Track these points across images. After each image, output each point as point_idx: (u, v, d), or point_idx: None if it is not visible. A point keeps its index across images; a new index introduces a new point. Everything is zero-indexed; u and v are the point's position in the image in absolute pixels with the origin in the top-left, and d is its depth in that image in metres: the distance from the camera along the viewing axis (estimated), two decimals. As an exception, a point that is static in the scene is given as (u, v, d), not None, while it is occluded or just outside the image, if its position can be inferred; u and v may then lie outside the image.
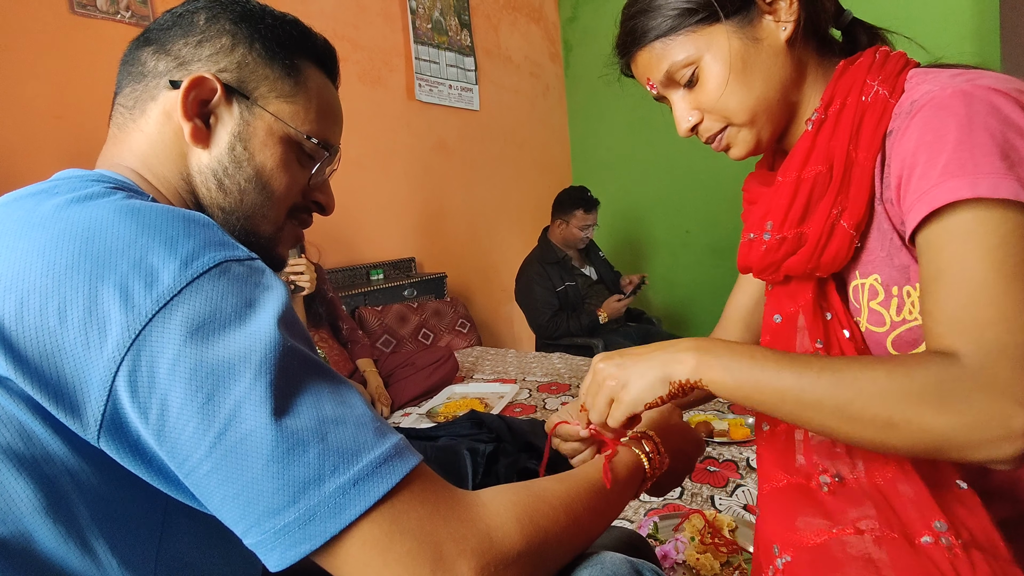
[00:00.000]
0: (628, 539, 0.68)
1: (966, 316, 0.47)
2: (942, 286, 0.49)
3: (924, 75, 0.57)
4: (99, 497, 0.39)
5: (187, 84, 0.51)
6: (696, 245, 3.46)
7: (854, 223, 0.60)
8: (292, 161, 0.57)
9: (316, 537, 0.36)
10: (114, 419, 0.36)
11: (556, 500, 0.46)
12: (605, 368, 0.58)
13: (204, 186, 0.54)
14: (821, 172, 0.61)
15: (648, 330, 2.86)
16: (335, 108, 0.61)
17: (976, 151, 0.48)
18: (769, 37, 0.62)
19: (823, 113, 0.61)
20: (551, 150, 3.84)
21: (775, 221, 0.64)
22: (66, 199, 0.42)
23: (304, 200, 0.60)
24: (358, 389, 1.40)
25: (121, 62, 0.56)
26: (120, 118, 0.54)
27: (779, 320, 0.68)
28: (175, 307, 0.37)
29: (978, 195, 0.46)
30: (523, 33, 3.63)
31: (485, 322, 3.29)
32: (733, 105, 0.63)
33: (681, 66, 0.63)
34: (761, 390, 0.50)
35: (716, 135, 0.67)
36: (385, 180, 2.83)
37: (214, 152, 0.53)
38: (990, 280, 0.46)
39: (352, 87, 2.68)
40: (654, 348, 0.56)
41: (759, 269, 0.68)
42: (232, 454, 0.36)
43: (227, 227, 0.55)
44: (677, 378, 0.53)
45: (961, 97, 0.50)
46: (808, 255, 0.62)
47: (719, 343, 0.53)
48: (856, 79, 0.60)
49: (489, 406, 1.83)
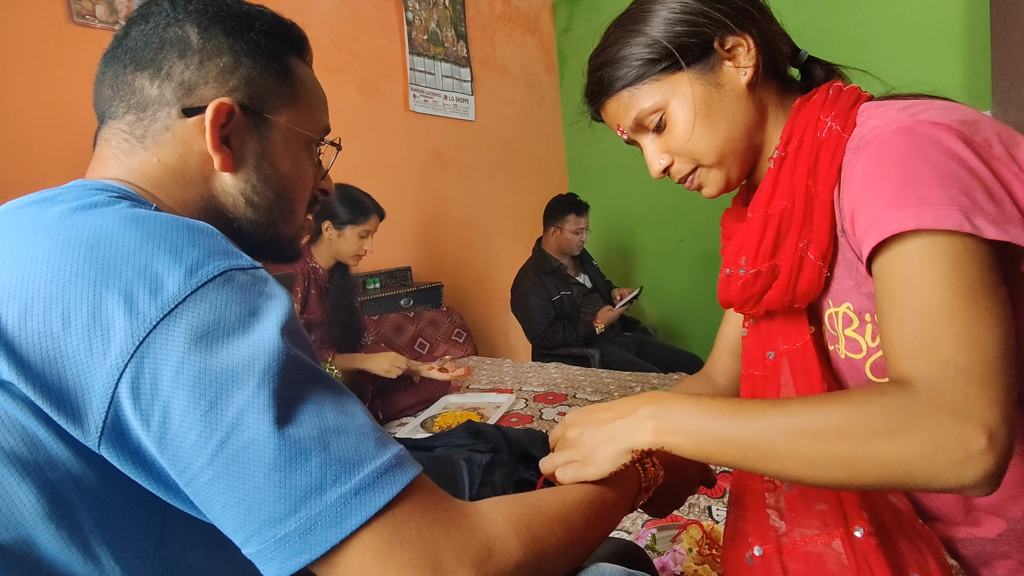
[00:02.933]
0: (626, 550, 0.68)
1: (919, 339, 0.47)
2: (895, 312, 0.49)
3: (875, 109, 0.59)
4: (101, 502, 0.39)
5: (212, 115, 0.51)
6: (689, 254, 3.48)
7: (820, 254, 0.61)
8: (307, 162, 0.59)
9: (317, 547, 0.36)
10: (115, 426, 0.37)
11: (553, 511, 0.47)
12: (577, 437, 0.58)
13: (232, 206, 0.55)
14: (786, 207, 0.63)
15: (644, 340, 2.87)
16: (322, 93, 0.62)
17: (919, 184, 0.49)
18: (731, 82, 0.64)
19: (783, 150, 0.64)
20: (547, 160, 3.86)
21: (748, 256, 0.66)
22: (71, 207, 0.42)
23: (313, 191, 0.62)
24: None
25: (100, 83, 0.54)
26: (125, 144, 0.52)
27: (772, 357, 0.69)
28: (180, 315, 0.37)
29: (921, 226, 0.47)
30: (519, 44, 3.66)
31: (481, 332, 3.29)
32: (701, 148, 0.66)
33: (648, 112, 0.66)
34: (722, 448, 0.50)
35: (687, 176, 0.70)
36: (382, 190, 2.83)
37: (241, 174, 0.54)
38: (941, 302, 0.46)
39: (350, 97, 2.69)
40: (614, 415, 0.56)
41: (739, 303, 0.70)
42: (234, 463, 0.36)
43: (256, 236, 0.56)
44: (639, 447, 0.53)
45: (903, 133, 0.52)
46: (783, 288, 0.64)
47: (674, 403, 0.53)
48: (811, 116, 0.63)
49: (485, 416, 1.83)
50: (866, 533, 0.56)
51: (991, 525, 0.59)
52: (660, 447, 0.52)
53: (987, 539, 0.59)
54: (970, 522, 0.60)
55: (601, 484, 0.55)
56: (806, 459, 0.46)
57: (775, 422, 0.48)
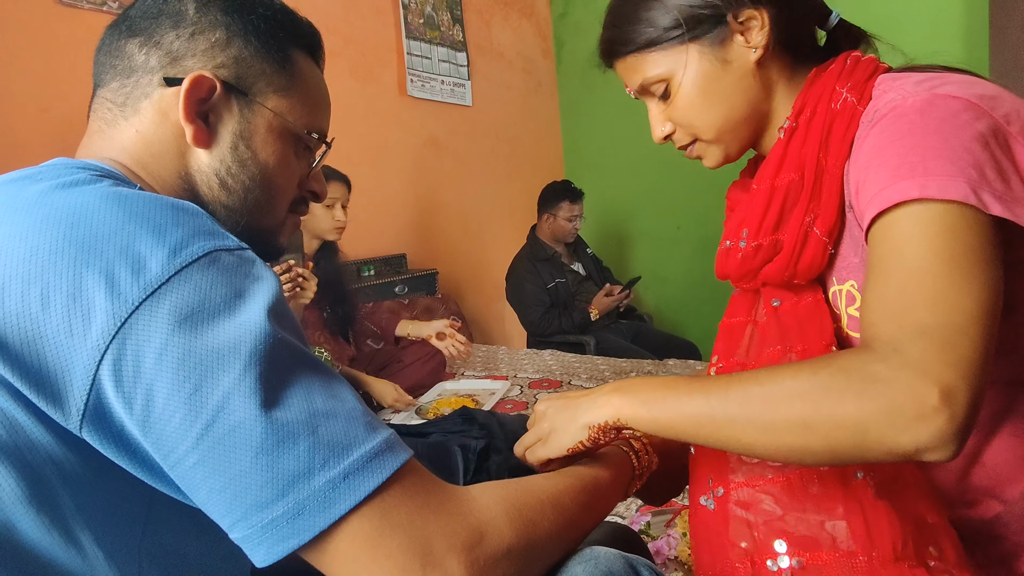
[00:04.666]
0: (619, 533, 0.68)
1: (895, 302, 0.46)
2: (880, 274, 0.48)
3: (891, 81, 0.57)
4: (84, 487, 0.38)
5: (188, 85, 0.50)
6: (687, 241, 3.47)
7: (826, 230, 0.60)
8: (291, 155, 0.57)
9: (305, 532, 0.36)
10: (97, 409, 0.36)
11: (545, 496, 0.46)
12: (543, 412, 0.60)
13: (206, 185, 0.53)
14: (793, 180, 0.61)
15: (639, 327, 2.87)
16: (325, 96, 0.61)
17: (927, 154, 0.48)
18: (739, 59, 0.63)
19: (794, 121, 0.62)
20: (543, 146, 3.83)
21: (750, 229, 0.65)
22: (50, 185, 0.41)
23: (300, 191, 0.60)
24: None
25: (99, 51, 0.54)
26: (108, 113, 0.52)
27: (777, 304, 0.66)
28: (163, 296, 0.36)
29: (926, 196, 0.46)
30: (515, 29, 3.61)
31: (476, 319, 3.29)
32: (699, 124, 0.66)
33: (654, 81, 0.66)
34: (676, 419, 0.50)
35: (687, 146, 0.69)
36: (376, 176, 2.81)
37: (216, 152, 0.52)
38: (926, 265, 0.45)
39: (343, 82, 2.65)
40: (583, 395, 0.57)
41: (737, 277, 0.69)
42: (219, 446, 0.35)
43: (230, 223, 0.54)
44: (596, 422, 0.54)
45: (920, 106, 0.51)
46: (785, 263, 0.63)
47: (638, 381, 0.54)
48: (826, 87, 0.61)
49: (480, 403, 1.83)
50: (865, 475, 0.53)
51: (987, 507, 0.58)
52: (617, 420, 0.53)
53: (982, 520, 0.59)
54: (965, 504, 0.60)
55: (594, 469, 0.55)
56: (759, 425, 0.45)
57: (729, 390, 0.47)
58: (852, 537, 0.50)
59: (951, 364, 0.41)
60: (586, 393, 0.57)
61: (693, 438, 0.50)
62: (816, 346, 0.59)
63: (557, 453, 0.56)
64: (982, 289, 0.44)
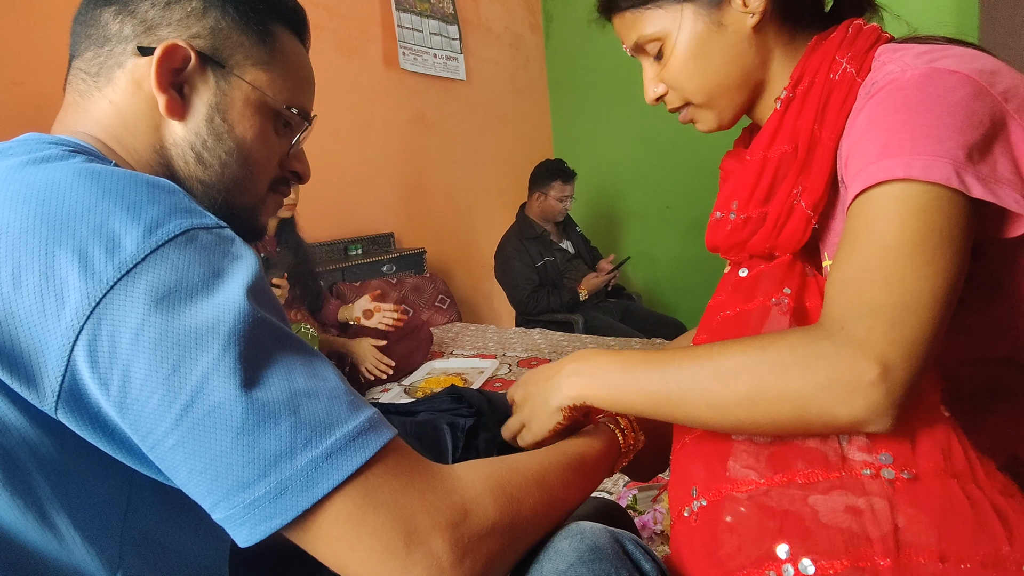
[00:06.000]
0: (605, 508, 0.69)
1: (857, 279, 0.46)
2: (848, 250, 0.48)
3: (892, 53, 0.56)
4: (60, 470, 0.38)
5: (160, 53, 0.48)
6: (676, 220, 3.47)
7: (811, 203, 0.59)
8: (270, 131, 0.55)
9: (287, 511, 0.35)
10: (72, 390, 0.35)
11: (530, 473, 0.46)
12: (521, 398, 0.61)
13: (182, 159, 0.52)
14: (786, 152, 0.60)
15: (628, 306, 2.88)
16: (309, 73, 0.59)
17: (916, 132, 0.47)
18: (735, 23, 0.61)
19: (791, 92, 0.61)
20: (532, 124, 3.79)
21: (740, 200, 0.64)
22: (21, 161, 0.39)
23: (281, 170, 0.59)
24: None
25: (75, 21, 0.52)
26: (82, 85, 0.51)
27: (789, 293, 0.61)
28: (139, 275, 0.36)
29: (910, 176, 0.46)
30: (503, 2, 3.55)
31: (465, 298, 3.28)
32: (691, 87, 0.64)
33: (648, 39, 0.64)
34: (636, 398, 0.50)
35: (679, 109, 0.68)
36: (362, 153, 2.78)
37: (191, 124, 0.51)
38: (891, 244, 0.46)
39: (328, 56, 2.60)
40: (547, 377, 0.57)
41: (725, 248, 0.68)
42: (199, 427, 0.35)
43: (208, 200, 0.53)
44: (565, 404, 0.55)
45: (918, 79, 0.50)
46: (767, 233, 0.62)
47: (596, 357, 0.54)
48: (826, 55, 0.60)
49: (469, 381, 1.83)
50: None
51: None
52: (582, 401, 0.54)
53: None
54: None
55: (580, 446, 0.55)
56: (710, 401, 0.47)
57: (682, 366, 0.48)
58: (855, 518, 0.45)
59: (894, 343, 0.42)
60: (550, 375, 0.57)
61: (652, 415, 0.51)
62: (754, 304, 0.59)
63: (539, 437, 0.57)
64: (940, 272, 0.45)
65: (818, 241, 0.64)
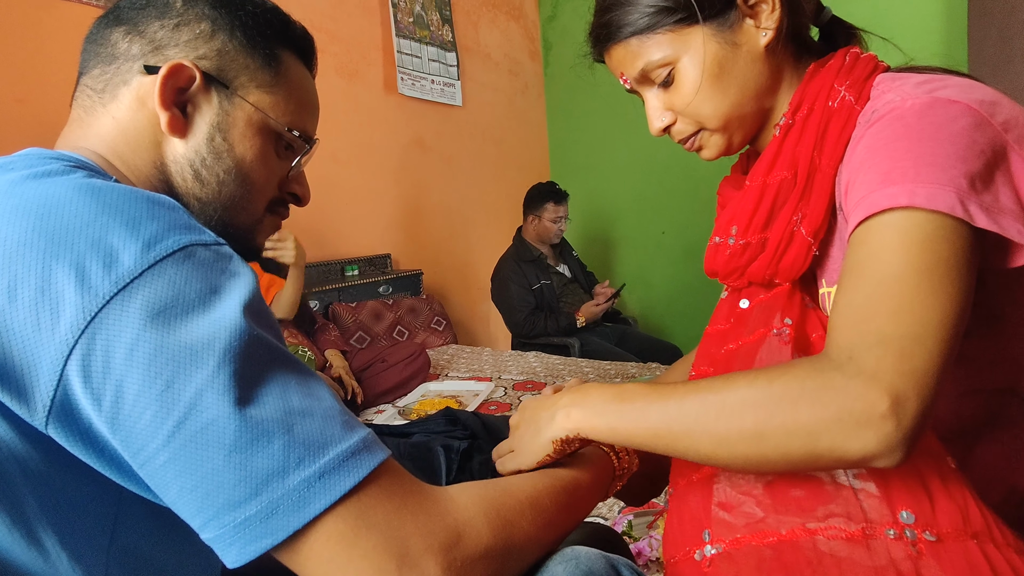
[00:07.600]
0: (600, 534, 0.68)
1: (863, 308, 0.45)
2: (852, 278, 0.47)
3: (891, 81, 0.56)
4: (48, 486, 0.37)
5: (165, 72, 0.49)
6: (671, 246, 3.49)
7: (812, 230, 0.59)
8: (271, 153, 0.56)
9: (278, 531, 0.35)
10: (64, 405, 0.35)
11: (524, 495, 0.46)
12: (516, 423, 0.60)
13: (180, 176, 0.52)
14: (786, 178, 0.60)
15: (624, 331, 2.88)
16: (313, 98, 0.60)
17: (919, 161, 0.47)
18: (748, 43, 0.61)
19: (791, 118, 0.61)
20: (529, 148, 3.84)
21: (740, 226, 0.64)
22: (21, 175, 0.40)
23: (280, 192, 0.59)
24: (329, 384, 1.34)
25: (86, 40, 0.54)
26: (87, 101, 0.52)
27: (791, 323, 0.62)
28: (135, 290, 0.35)
29: (914, 204, 0.45)
30: (503, 31, 3.62)
31: (461, 320, 3.28)
32: (706, 111, 0.63)
33: (657, 66, 0.62)
34: (635, 431, 0.49)
35: (689, 137, 0.67)
36: (361, 175, 2.80)
37: (191, 142, 0.52)
38: (897, 274, 0.45)
39: (329, 79, 2.63)
40: (545, 408, 0.56)
41: (724, 274, 0.68)
42: (191, 444, 0.34)
43: (203, 218, 0.54)
44: (558, 436, 0.53)
45: (918, 109, 0.50)
46: (767, 261, 0.62)
47: (594, 391, 0.53)
48: (824, 83, 0.60)
49: (464, 404, 1.82)
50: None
51: None
52: (577, 434, 0.52)
53: None
54: None
55: (574, 470, 0.55)
56: (714, 436, 0.45)
57: (684, 400, 0.47)
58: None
59: (904, 374, 0.41)
60: (547, 406, 0.56)
61: (652, 448, 0.49)
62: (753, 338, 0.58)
63: (526, 467, 0.56)
64: (948, 302, 0.44)
65: (815, 268, 0.64)
